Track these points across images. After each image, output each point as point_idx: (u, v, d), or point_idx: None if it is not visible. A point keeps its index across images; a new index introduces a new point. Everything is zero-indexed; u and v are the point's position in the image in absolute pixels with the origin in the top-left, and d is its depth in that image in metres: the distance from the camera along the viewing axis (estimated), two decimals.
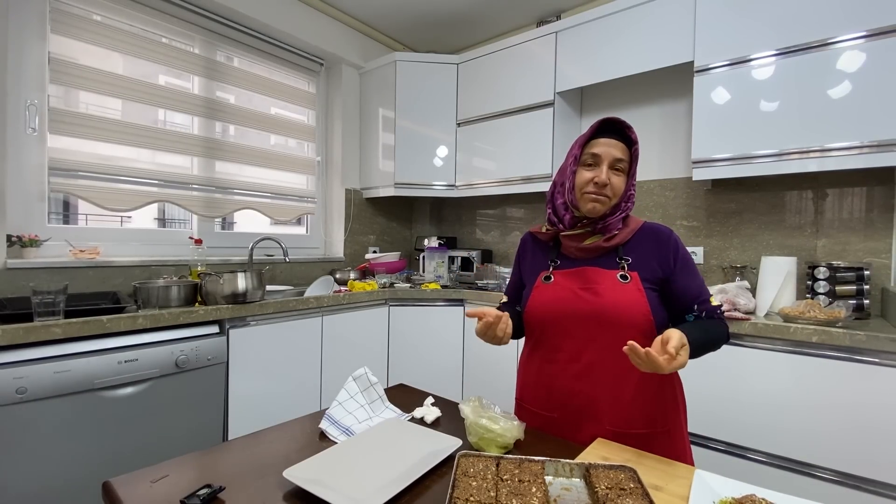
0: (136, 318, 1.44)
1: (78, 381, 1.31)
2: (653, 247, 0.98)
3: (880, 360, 1.33)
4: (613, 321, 0.93)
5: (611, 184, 0.95)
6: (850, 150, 1.55)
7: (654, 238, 0.99)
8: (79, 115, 1.86)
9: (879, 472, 1.33)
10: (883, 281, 1.73)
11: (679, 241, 0.99)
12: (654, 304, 0.95)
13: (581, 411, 0.96)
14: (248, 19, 2.33)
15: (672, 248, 0.97)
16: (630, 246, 0.99)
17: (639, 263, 0.97)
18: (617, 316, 0.93)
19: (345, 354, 2.15)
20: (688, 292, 0.97)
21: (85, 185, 1.88)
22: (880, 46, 1.50)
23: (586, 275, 0.98)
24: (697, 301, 0.97)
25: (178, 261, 2.05)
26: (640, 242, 0.99)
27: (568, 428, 0.98)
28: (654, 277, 0.97)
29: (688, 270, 0.98)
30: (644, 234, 1.00)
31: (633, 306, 0.93)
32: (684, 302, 0.97)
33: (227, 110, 2.37)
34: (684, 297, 0.97)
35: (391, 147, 2.75)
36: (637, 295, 0.94)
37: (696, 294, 0.97)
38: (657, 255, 0.97)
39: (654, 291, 0.96)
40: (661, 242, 0.98)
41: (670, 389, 0.98)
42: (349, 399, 1.02)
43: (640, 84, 2.32)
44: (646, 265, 0.97)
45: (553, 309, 0.99)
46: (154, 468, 0.79)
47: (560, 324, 0.99)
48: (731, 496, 0.66)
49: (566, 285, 0.99)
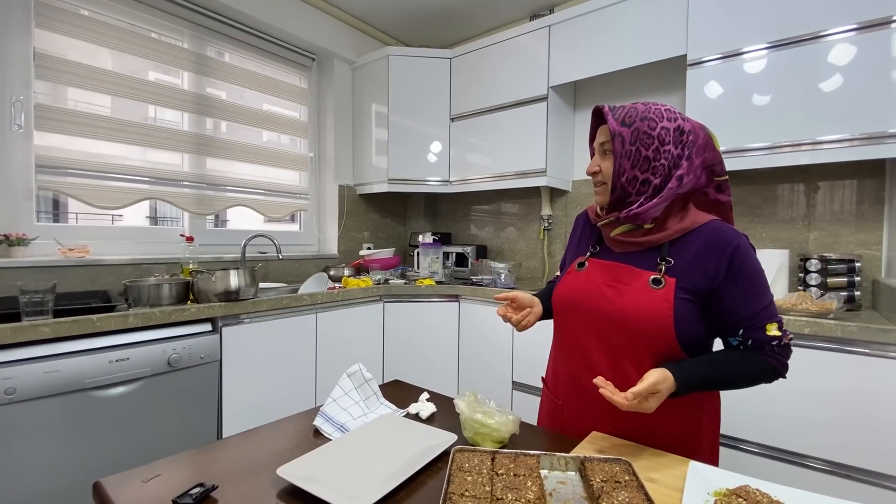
0: (127, 316, 1.42)
1: (68, 381, 1.29)
2: (705, 251, 0.84)
3: (871, 351, 1.35)
4: (628, 327, 0.86)
5: (602, 170, 0.92)
6: (841, 142, 1.56)
7: (710, 241, 0.84)
8: (66, 111, 1.83)
9: (871, 462, 1.35)
10: (874, 272, 1.75)
11: (742, 251, 0.82)
12: (687, 317, 0.83)
13: (584, 405, 0.94)
14: (238, 13, 2.30)
15: (727, 258, 0.82)
16: (679, 246, 0.87)
17: (682, 268, 0.85)
18: (632, 323, 0.85)
19: (340, 351, 2.14)
20: (736, 313, 0.83)
21: (74, 183, 1.85)
22: (870, 39, 1.51)
23: (618, 271, 0.91)
24: (745, 326, 0.83)
25: (169, 259, 2.03)
26: (693, 244, 0.85)
27: (570, 419, 0.97)
28: (696, 287, 0.83)
29: (743, 287, 0.82)
30: (699, 235, 0.85)
31: (653, 317, 0.83)
32: (730, 323, 0.84)
33: (218, 106, 2.34)
34: (731, 317, 0.83)
35: (384, 142, 2.73)
36: (663, 305, 0.83)
37: (747, 318, 0.82)
38: (707, 262, 0.83)
39: (691, 303, 0.84)
40: (715, 248, 0.83)
41: (691, 406, 0.88)
42: (343, 396, 1.01)
43: (633, 78, 2.32)
44: (690, 272, 0.84)
45: (574, 300, 0.95)
46: (146, 468, 0.78)
47: (576, 316, 0.95)
48: (726, 487, 0.66)
49: (595, 277, 0.93)
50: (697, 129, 0.88)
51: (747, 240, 0.86)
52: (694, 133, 0.87)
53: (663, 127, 0.85)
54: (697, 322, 0.85)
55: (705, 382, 0.81)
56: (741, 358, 0.84)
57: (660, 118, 0.86)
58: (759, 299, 0.83)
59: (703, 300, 0.84)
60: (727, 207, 0.93)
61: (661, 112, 0.87)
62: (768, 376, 0.84)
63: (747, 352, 0.84)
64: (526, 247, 2.83)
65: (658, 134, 0.85)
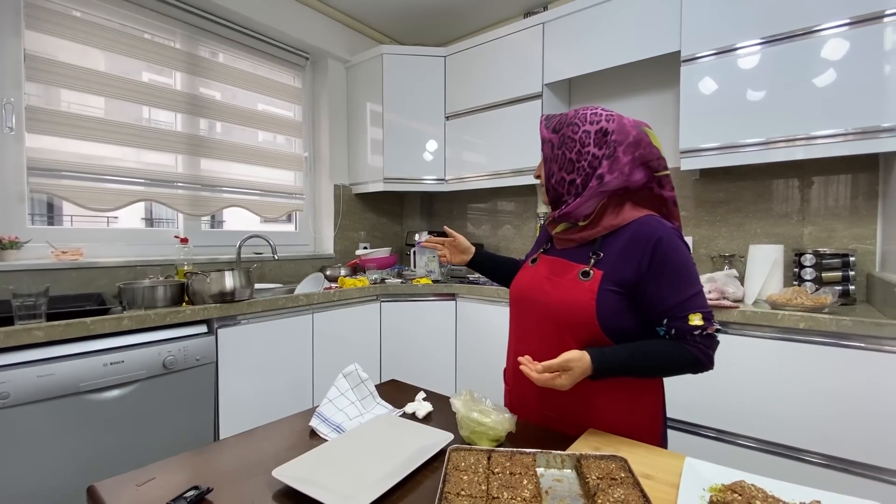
0: (121, 319, 1.41)
1: (62, 385, 1.28)
2: (631, 245, 0.88)
3: (866, 345, 1.35)
4: (556, 317, 0.91)
5: (542, 175, 1.01)
6: (835, 137, 1.57)
7: (635, 235, 0.88)
8: (58, 113, 1.81)
9: (867, 455, 1.36)
10: (868, 267, 1.75)
11: (664, 243, 0.85)
12: (614, 308, 0.87)
13: (526, 392, 1.00)
14: (230, 13, 2.29)
15: (648, 250, 0.85)
16: (611, 239, 0.91)
17: (610, 262, 0.89)
18: (559, 314, 0.91)
19: (337, 351, 2.14)
20: (659, 303, 0.86)
21: (66, 185, 1.84)
22: (863, 34, 1.51)
23: (556, 265, 0.97)
24: (669, 316, 0.85)
25: (164, 261, 2.02)
26: (621, 238, 0.90)
27: (513, 402, 1.05)
28: (623, 279, 0.87)
29: (667, 279, 0.85)
30: (627, 231, 0.90)
31: (578, 307, 0.88)
32: (655, 313, 0.87)
33: (212, 106, 2.33)
34: (655, 307, 0.86)
35: (379, 141, 2.73)
36: (587, 296, 0.87)
37: (668, 307, 0.85)
38: (633, 254, 0.87)
39: (618, 294, 0.87)
40: (640, 241, 0.87)
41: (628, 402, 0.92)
42: (339, 396, 1.01)
43: (627, 74, 2.31)
44: (617, 265, 0.88)
45: (522, 292, 1.02)
46: (141, 471, 0.77)
47: (521, 306, 1.02)
48: (721, 483, 0.66)
49: (540, 272, 1.00)
50: (628, 128, 0.90)
51: (675, 233, 0.88)
52: (621, 132, 0.90)
53: (584, 130, 0.91)
54: (625, 313, 0.88)
55: (625, 367, 0.84)
56: (664, 346, 0.86)
57: (583, 122, 0.92)
58: (683, 290, 0.85)
59: (631, 292, 0.88)
60: (671, 203, 0.95)
61: (587, 116, 0.92)
62: (691, 366, 0.86)
63: (672, 341, 0.86)
64: (522, 244, 2.83)
65: (580, 137, 0.92)
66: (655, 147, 0.91)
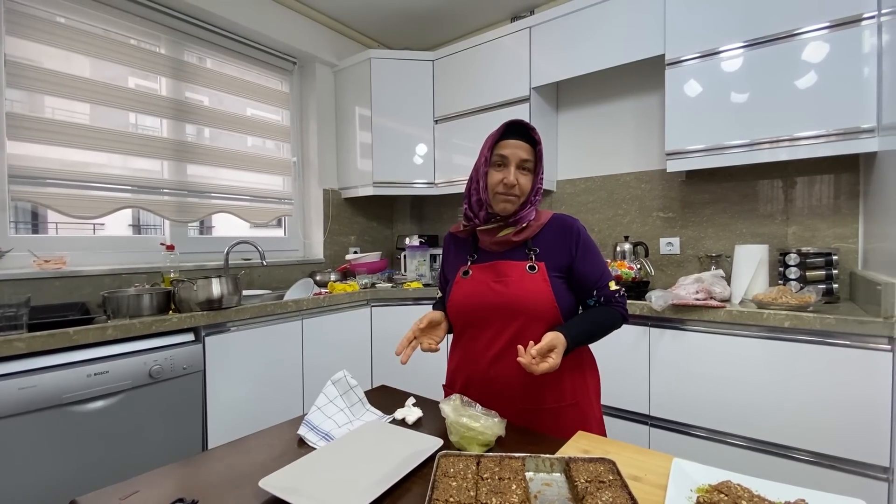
0: (106, 328, 1.39)
1: (45, 397, 1.25)
2: (558, 237, 1.05)
3: (850, 343, 1.37)
4: (521, 310, 1.00)
5: (519, 184, 1.01)
6: (817, 138, 1.59)
7: (559, 228, 1.05)
8: (42, 120, 1.78)
9: (853, 452, 1.37)
10: (850, 265, 1.78)
11: (582, 229, 1.06)
12: (561, 291, 1.02)
13: (497, 394, 1.02)
14: (215, 17, 2.27)
15: (574, 236, 1.04)
16: (539, 238, 1.06)
17: (546, 254, 1.04)
18: (524, 305, 0.99)
19: (327, 358, 2.12)
20: (588, 278, 1.03)
21: (49, 193, 1.81)
22: (842, 37, 1.54)
23: (499, 268, 1.04)
24: (596, 287, 1.04)
25: (150, 268, 1.99)
26: (548, 233, 1.06)
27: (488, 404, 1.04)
28: (560, 266, 1.03)
29: (589, 257, 1.04)
30: (551, 226, 1.06)
31: (538, 296, 0.99)
32: (585, 287, 1.04)
33: (198, 112, 2.30)
34: (585, 282, 1.04)
35: (368, 145, 2.72)
36: (542, 285, 1.00)
37: (596, 279, 1.04)
38: (562, 244, 1.04)
39: (560, 279, 1.03)
40: (564, 232, 1.05)
41: (577, 367, 1.06)
42: (328, 403, 1.00)
43: (614, 78, 2.34)
44: (552, 255, 1.04)
45: (470, 302, 1.05)
46: (125, 484, 0.76)
47: (476, 315, 1.05)
48: (708, 483, 0.66)
49: (482, 279, 1.05)
50: None
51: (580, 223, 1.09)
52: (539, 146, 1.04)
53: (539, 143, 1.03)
54: (567, 293, 1.04)
55: (584, 335, 0.98)
56: (600, 312, 1.04)
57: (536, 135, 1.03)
58: (600, 264, 1.06)
59: (566, 275, 1.04)
60: None
61: None
62: (618, 322, 1.05)
63: (602, 307, 1.05)
64: None
65: (538, 149, 1.03)
66: None
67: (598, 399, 1.13)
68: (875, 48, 1.49)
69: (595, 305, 1.05)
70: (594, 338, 1.02)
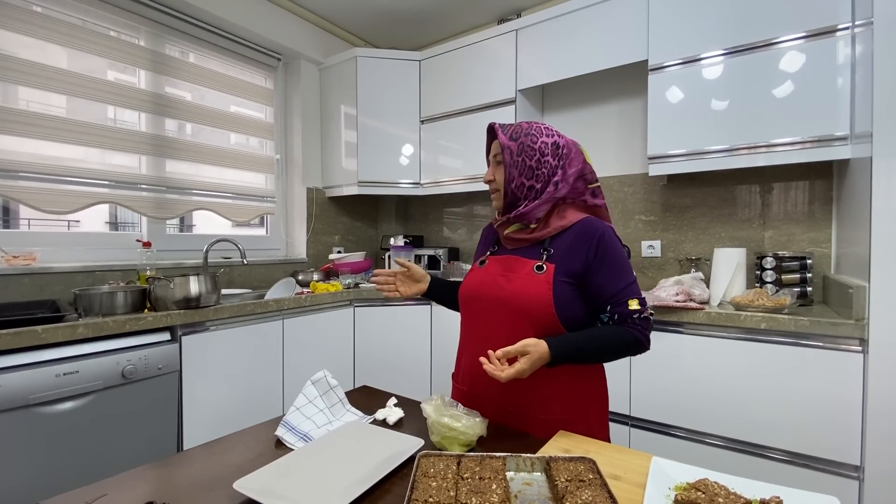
0: (76, 327, 1.34)
1: (10, 398, 1.20)
2: (577, 241, 0.98)
3: (823, 344, 1.41)
4: (515, 309, 0.97)
5: (495, 179, 1.05)
6: (793, 145, 1.64)
7: (581, 232, 0.98)
8: (14, 111, 1.72)
9: (826, 451, 1.41)
10: (824, 269, 1.83)
11: (606, 238, 0.96)
12: (565, 298, 0.95)
13: (484, 389, 1.01)
14: (199, 11, 2.23)
15: (594, 244, 0.96)
16: (559, 239, 1.00)
17: (560, 256, 0.98)
18: (518, 305, 0.96)
19: (308, 358, 2.09)
20: (603, 290, 0.95)
21: (20, 187, 1.74)
22: (817, 47, 1.58)
23: (509, 262, 1.03)
24: (612, 302, 0.94)
25: (125, 265, 1.93)
26: (569, 236, 0.99)
27: (472, 402, 1.03)
28: (572, 270, 0.96)
29: (607, 268, 0.95)
30: (574, 229, 0.99)
31: (536, 297, 0.95)
32: (599, 300, 0.96)
33: (179, 107, 2.25)
34: (600, 295, 0.96)
35: (354, 144, 2.70)
36: (544, 287, 0.95)
37: (612, 294, 0.94)
38: (579, 249, 0.97)
39: (570, 285, 0.96)
40: (585, 236, 0.97)
41: (574, 382, 0.98)
42: (307, 404, 0.98)
43: (598, 82, 2.36)
44: (567, 258, 0.97)
45: (473, 291, 1.06)
46: (90, 487, 0.73)
47: (477, 305, 1.05)
48: (686, 481, 0.67)
49: (492, 270, 1.05)
50: (570, 145, 1.03)
51: (613, 231, 1.00)
52: (567, 147, 1.02)
53: (543, 141, 1.00)
54: (576, 302, 0.97)
55: (578, 351, 0.91)
56: (609, 330, 0.94)
57: (540, 134, 1.01)
58: (622, 279, 0.96)
59: (579, 282, 0.97)
60: (603, 209, 1.07)
61: (542, 129, 1.02)
62: (633, 347, 0.94)
63: (615, 326, 0.95)
64: None
65: (539, 147, 1.00)
66: (589, 163, 1.04)
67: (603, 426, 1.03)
68: (849, 58, 1.53)
69: (608, 323, 0.96)
70: (593, 356, 0.94)
